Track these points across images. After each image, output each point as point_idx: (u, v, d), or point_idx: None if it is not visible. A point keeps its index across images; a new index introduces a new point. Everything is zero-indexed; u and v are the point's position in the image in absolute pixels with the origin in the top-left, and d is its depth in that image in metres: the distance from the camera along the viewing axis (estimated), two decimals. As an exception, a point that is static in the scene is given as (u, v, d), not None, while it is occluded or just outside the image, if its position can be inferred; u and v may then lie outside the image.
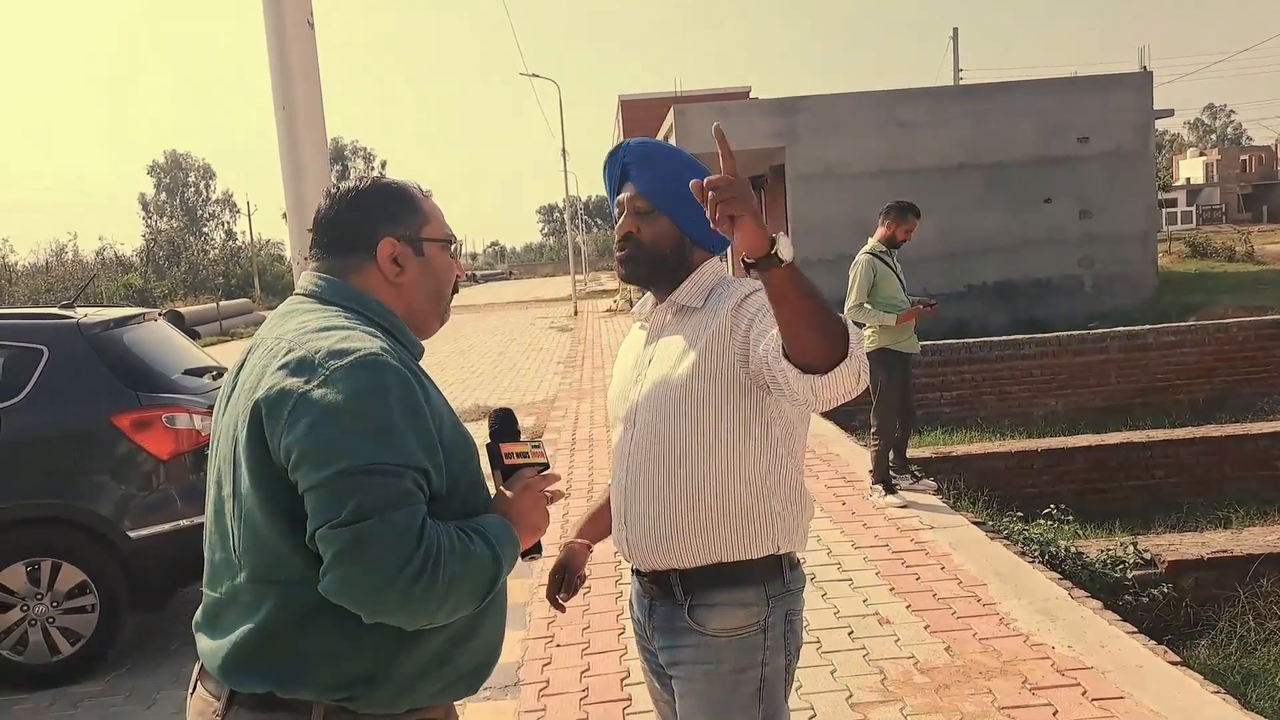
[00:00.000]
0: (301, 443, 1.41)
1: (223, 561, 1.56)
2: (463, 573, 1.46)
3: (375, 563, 1.37)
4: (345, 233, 1.69)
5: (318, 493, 1.40)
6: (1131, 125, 20.33)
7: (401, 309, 1.69)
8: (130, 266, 60.02)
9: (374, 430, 1.42)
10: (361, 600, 1.41)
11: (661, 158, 2.08)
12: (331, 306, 1.63)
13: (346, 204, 1.71)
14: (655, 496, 2.00)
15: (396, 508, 1.40)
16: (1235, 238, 29.87)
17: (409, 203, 1.73)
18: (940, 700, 3.76)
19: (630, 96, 43.80)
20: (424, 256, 1.72)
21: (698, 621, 1.99)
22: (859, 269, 6.46)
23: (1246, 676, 4.95)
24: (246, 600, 1.51)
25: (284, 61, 2.71)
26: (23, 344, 4.98)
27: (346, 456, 1.39)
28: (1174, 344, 13.05)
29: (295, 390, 1.43)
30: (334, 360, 1.45)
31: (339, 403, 1.42)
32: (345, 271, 1.68)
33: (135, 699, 4.66)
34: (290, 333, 1.55)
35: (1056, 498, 7.83)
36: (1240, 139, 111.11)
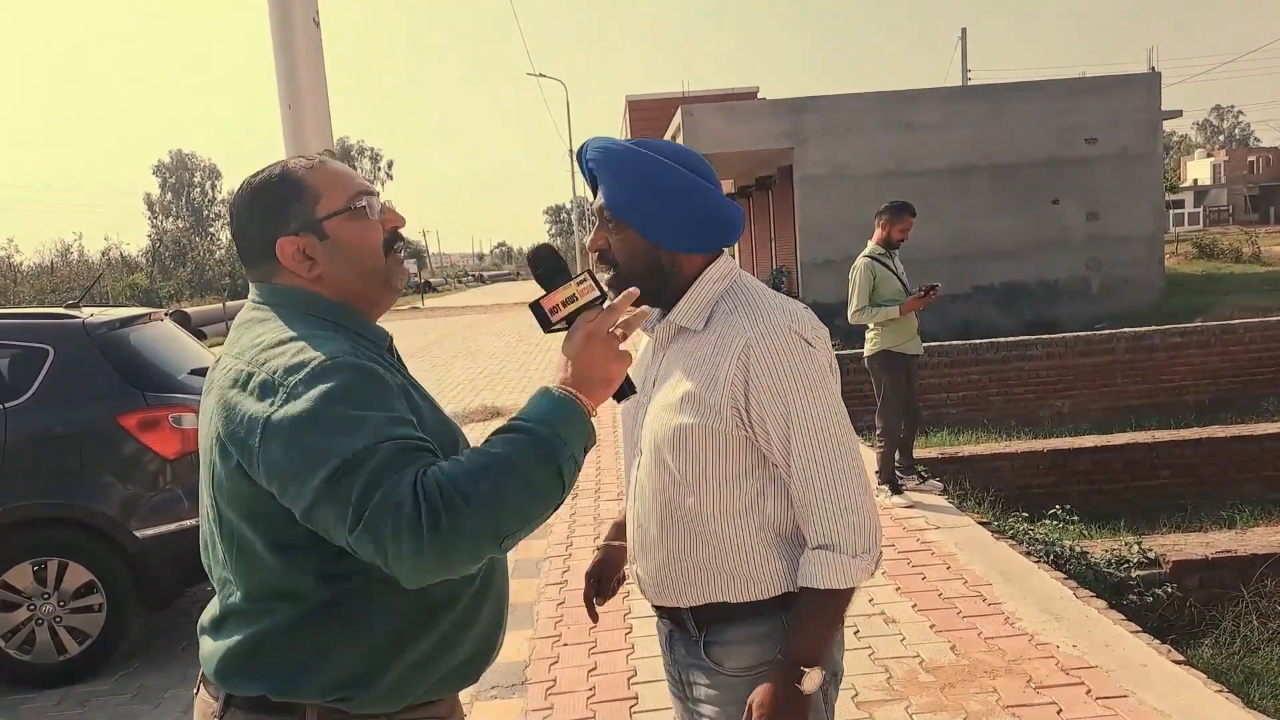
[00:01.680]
0: (281, 466, 1.36)
1: (220, 577, 1.56)
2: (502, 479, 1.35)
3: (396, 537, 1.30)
4: (246, 245, 1.61)
5: (318, 509, 1.35)
6: (1139, 126, 20.29)
7: (340, 298, 1.58)
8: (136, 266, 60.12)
9: (341, 428, 1.35)
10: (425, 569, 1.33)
11: (620, 158, 1.81)
12: (279, 309, 1.55)
13: (236, 216, 1.62)
14: (660, 531, 1.87)
15: (384, 478, 1.32)
16: (1242, 239, 29.78)
17: (290, 189, 1.57)
18: (945, 699, 3.76)
19: (638, 97, 43.76)
20: (329, 238, 1.56)
21: (714, 660, 1.86)
22: (858, 273, 6.49)
23: (1250, 676, 4.95)
24: (245, 611, 1.51)
25: (289, 60, 2.72)
26: (28, 344, 5.00)
27: (325, 462, 1.33)
28: (1180, 345, 13.02)
29: (260, 417, 1.38)
30: (291, 376, 1.39)
31: (304, 415, 1.36)
32: (269, 276, 1.59)
33: (142, 698, 4.68)
34: (247, 350, 1.48)
35: (1062, 498, 7.82)
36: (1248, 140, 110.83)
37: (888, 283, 6.48)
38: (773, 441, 1.74)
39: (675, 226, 1.80)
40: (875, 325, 6.57)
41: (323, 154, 1.66)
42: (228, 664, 1.52)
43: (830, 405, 1.75)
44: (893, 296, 6.46)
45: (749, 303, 1.80)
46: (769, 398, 1.72)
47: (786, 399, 1.72)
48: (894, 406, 6.59)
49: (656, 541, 1.88)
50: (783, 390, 1.71)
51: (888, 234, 6.56)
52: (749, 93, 41.64)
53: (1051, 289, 20.12)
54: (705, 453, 1.78)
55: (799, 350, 1.73)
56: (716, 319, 1.81)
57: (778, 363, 1.72)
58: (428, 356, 20.13)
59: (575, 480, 1.45)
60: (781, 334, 1.73)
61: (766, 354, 1.72)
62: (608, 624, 4.72)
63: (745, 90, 43.03)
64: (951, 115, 19.87)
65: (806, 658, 1.72)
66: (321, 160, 1.62)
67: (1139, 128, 20.30)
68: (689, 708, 1.97)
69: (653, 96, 42.70)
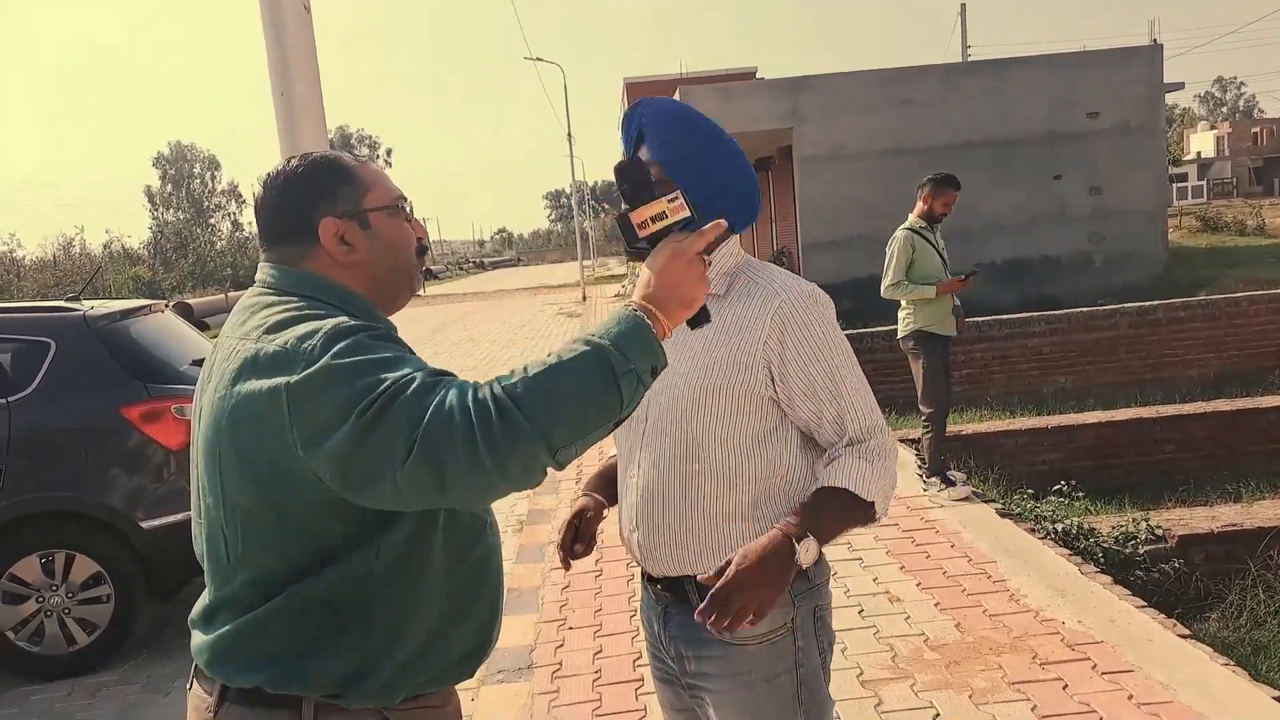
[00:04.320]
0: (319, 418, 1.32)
1: (215, 569, 1.53)
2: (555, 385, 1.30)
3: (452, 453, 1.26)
4: (283, 220, 1.58)
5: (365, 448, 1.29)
6: (1141, 99, 20.19)
7: (363, 289, 1.58)
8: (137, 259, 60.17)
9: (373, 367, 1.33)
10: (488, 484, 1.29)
11: (679, 120, 1.86)
12: (290, 297, 1.52)
13: (278, 189, 1.59)
14: (669, 497, 1.86)
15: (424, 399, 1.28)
16: (1246, 211, 29.68)
17: (343, 174, 1.59)
18: (950, 676, 3.77)
19: (635, 79, 43.67)
20: (371, 229, 1.59)
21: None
22: (896, 245, 6.16)
23: (1256, 649, 4.95)
24: (242, 601, 1.49)
25: (281, 48, 2.70)
26: (30, 337, 5.01)
27: (365, 395, 1.29)
28: (1184, 319, 12.99)
29: (281, 384, 1.35)
30: (306, 342, 1.37)
31: (331, 368, 1.33)
32: (295, 259, 1.57)
33: (151, 688, 4.70)
34: (254, 332, 1.45)
35: (1066, 474, 7.81)
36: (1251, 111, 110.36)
37: (926, 258, 6.16)
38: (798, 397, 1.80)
39: (719, 198, 1.81)
40: (908, 303, 6.24)
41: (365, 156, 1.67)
42: (222, 652, 1.50)
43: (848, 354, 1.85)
44: (930, 273, 6.14)
45: (768, 274, 1.87)
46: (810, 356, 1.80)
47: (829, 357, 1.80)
48: (939, 389, 6.24)
49: (662, 509, 1.87)
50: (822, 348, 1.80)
51: (929, 207, 6.23)
52: (747, 73, 41.49)
53: (1054, 265, 20.07)
54: (729, 416, 1.81)
55: (828, 313, 1.84)
56: (738, 287, 1.85)
57: (812, 323, 1.80)
58: (431, 344, 20.14)
59: (639, 398, 1.38)
60: (811, 297, 1.82)
61: (801, 315, 1.80)
62: (612, 607, 4.74)
63: (743, 71, 42.90)
64: (951, 92, 19.78)
65: (814, 530, 1.72)
66: (366, 160, 1.66)
67: (1141, 101, 20.21)
68: (685, 686, 1.95)
69: (650, 78, 42.64)
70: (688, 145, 1.84)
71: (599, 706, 3.78)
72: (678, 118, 1.87)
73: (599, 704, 3.79)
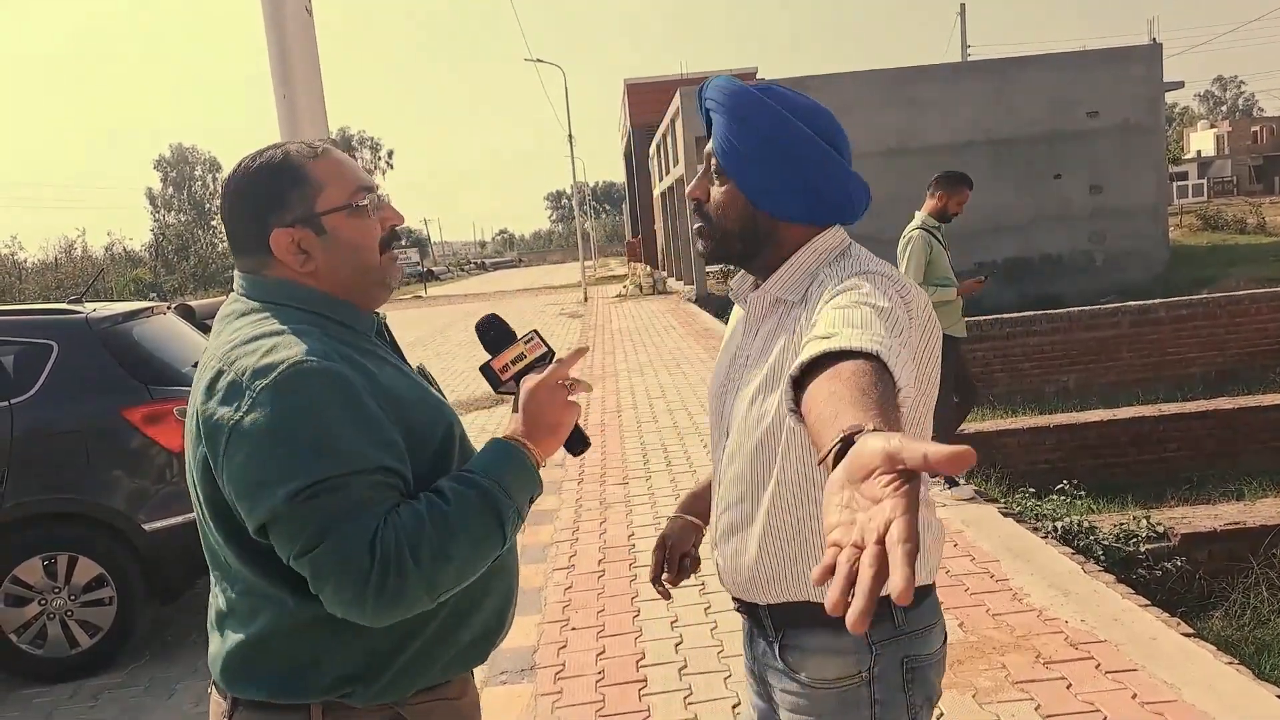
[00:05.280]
0: (241, 478, 1.36)
1: (220, 573, 1.53)
2: (449, 539, 1.39)
3: (340, 584, 1.34)
4: (236, 232, 1.53)
5: (271, 527, 1.35)
6: (1141, 98, 20.19)
7: (332, 290, 1.53)
8: (139, 261, 60.21)
9: (309, 448, 1.34)
10: (355, 617, 1.37)
11: (742, 106, 1.62)
12: (261, 305, 1.50)
13: (229, 200, 1.53)
14: (741, 520, 1.68)
15: (344, 522, 1.34)
16: (1247, 210, 29.69)
17: (291, 177, 1.50)
18: (954, 675, 3.77)
19: (636, 80, 43.66)
20: (327, 234, 1.50)
21: (791, 666, 1.66)
22: (913, 245, 5.96)
23: (1260, 647, 4.95)
24: (243, 611, 1.49)
25: (283, 49, 2.70)
26: (33, 340, 5.00)
27: (284, 482, 1.33)
28: (1185, 318, 13.00)
29: (227, 422, 1.36)
30: (258, 380, 1.36)
31: (268, 427, 1.34)
32: (258, 269, 1.53)
33: (154, 690, 4.70)
34: (222, 347, 1.44)
35: (1069, 473, 7.82)
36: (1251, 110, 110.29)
37: (941, 258, 6.00)
38: None
39: (779, 191, 1.62)
40: None
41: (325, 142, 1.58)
42: (228, 668, 1.51)
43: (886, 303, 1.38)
44: (945, 273, 5.99)
45: (850, 267, 1.58)
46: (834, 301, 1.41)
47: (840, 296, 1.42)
48: (946, 394, 6.03)
49: (736, 531, 1.69)
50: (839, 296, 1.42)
51: (944, 206, 6.04)
52: (748, 73, 41.47)
53: (1055, 263, 20.07)
54: (789, 436, 1.57)
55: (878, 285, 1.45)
56: (815, 289, 1.58)
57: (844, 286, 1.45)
58: (432, 344, 20.15)
59: (517, 531, 1.50)
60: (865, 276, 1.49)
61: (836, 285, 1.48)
62: (615, 608, 4.73)
63: (744, 71, 42.84)
64: (952, 91, 19.79)
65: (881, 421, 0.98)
66: (324, 149, 1.55)
67: (1141, 100, 20.21)
68: (772, 708, 1.78)
69: (651, 79, 42.61)
70: (748, 141, 1.61)
71: (602, 707, 3.77)
72: (744, 107, 1.63)
73: (602, 705, 3.79)
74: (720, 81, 1.69)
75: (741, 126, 1.61)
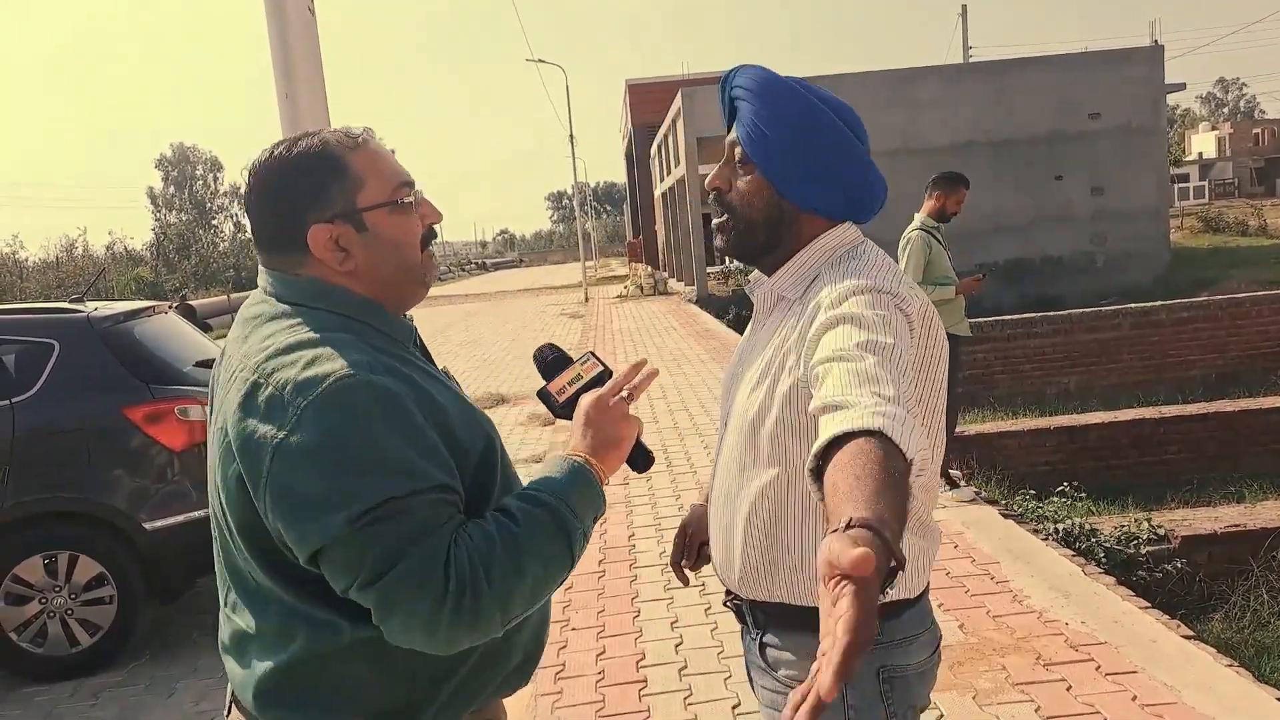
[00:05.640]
0: (290, 502, 1.25)
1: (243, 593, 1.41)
2: (521, 561, 1.31)
3: (413, 612, 1.24)
4: (270, 226, 1.42)
5: (327, 554, 1.25)
6: (1143, 100, 20.20)
7: (367, 293, 1.43)
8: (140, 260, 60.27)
9: (365, 467, 1.24)
10: (426, 647, 1.29)
11: (776, 94, 1.60)
12: (292, 308, 1.39)
13: (262, 191, 1.41)
14: (728, 514, 1.68)
15: (414, 543, 1.24)
16: (1248, 212, 29.71)
17: (332, 170, 1.39)
18: (954, 677, 3.77)
19: (637, 80, 43.67)
20: (369, 230, 1.40)
21: (769, 663, 1.66)
22: (912, 246, 5.97)
23: (1260, 650, 4.95)
24: (275, 635, 1.37)
25: (285, 49, 2.71)
26: (34, 339, 5.01)
27: (343, 507, 1.23)
28: (1187, 320, 13.00)
29: (270, 441, 1.25)
30: (301, 397, 1.25)
31: (319, 447, 1.24)
32: (290, 266, 1.42)
33: (154, 689, 4.70)
34: (254, 353, 1.33)
35: (1069, 475, 7.82)
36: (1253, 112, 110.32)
37: (941, 258, 6.00)
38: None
39: (812, 183, 1.59)
40: None
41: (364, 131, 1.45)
42: (263, 692, 1.39)
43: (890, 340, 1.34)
44: (944, 273, 6.00)
45: (852, 267, 1.55)
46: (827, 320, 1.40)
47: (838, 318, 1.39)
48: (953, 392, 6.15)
49: (723, 523, 1.70)
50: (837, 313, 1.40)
51: (942, 206, 6.06)
52: (750, 74, 41.37)
53: (1056, 265, 20.07)
54: (772, 431, 1.56)
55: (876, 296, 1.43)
56: (815, 287, 1.56)
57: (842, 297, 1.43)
58: (433, 345, 19.99)
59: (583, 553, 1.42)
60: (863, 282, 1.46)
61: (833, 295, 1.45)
62: (615, 608, 4.73)
63: (746, 72, 42.77)
64: (953, 92, 19.79)
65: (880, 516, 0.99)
66: (364, 139, 1.43)
67: (1142, 102, 20.21)
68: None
69: (652, 80, 42.60)
70: (781, 131, 1.58)
71: (602, 708, 3.77)
72: (777, 95, 1.60)
73: (602, 705, 3.79)
74: (749, 69, 1.66)
75: (773, 113, 1.59)
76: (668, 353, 14.74)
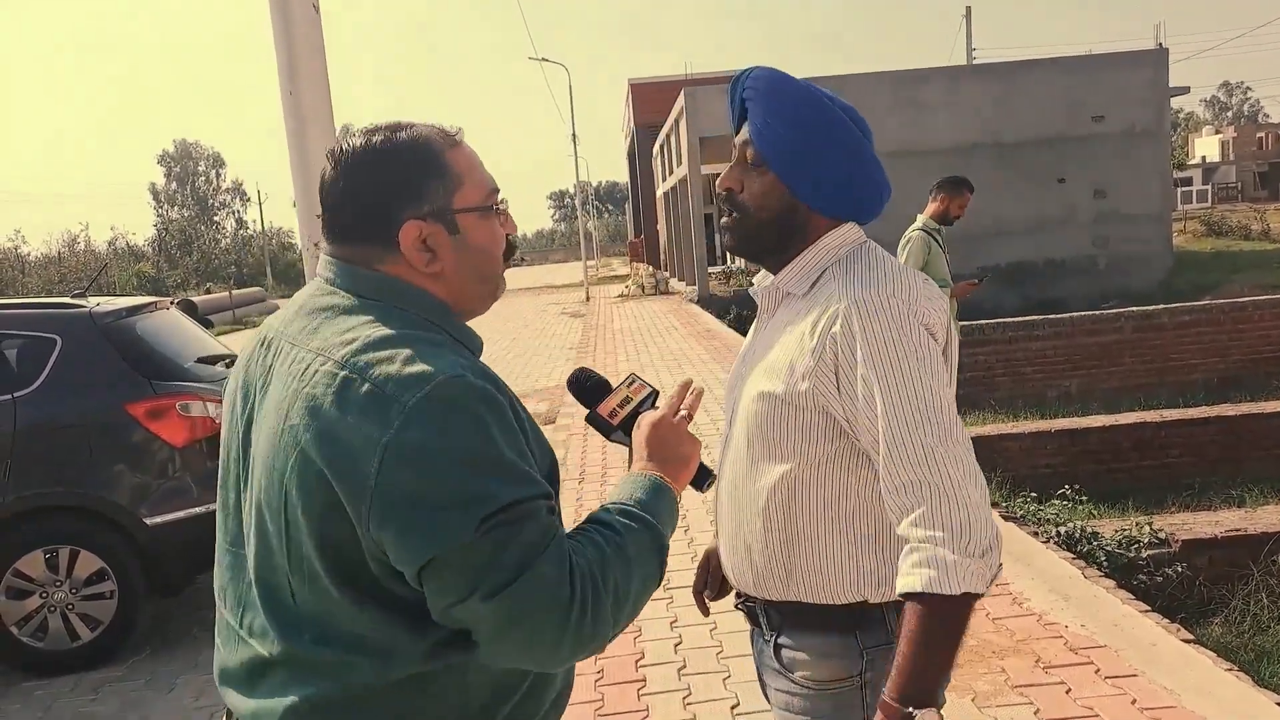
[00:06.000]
0: (406, 510, 1.15)
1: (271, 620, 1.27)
2: (630, 570, 1.28)
3: (541, 623, 1.18)
4: (357, 215, 1.33)
5: (444, 562, 1.15)
6: (1147, 103, 20.20)
7: (445, 297, 1.35)
8: (142, 256, 60.35)
9: (487, 468, 1.17)
10: (540, 662, 1.24)
11: (790, 96, 1.62)
12: (365, 303, 1.30)
13: (353, 177, 1.32)
14: (737, 513, 1.67)
15: (542, 550, 1.18)
16: (1251, 216, 29.72)
17: (432, 165, 1.33)
18: (954, 679, 3.74)
19: (640, 80, 43.66)
20: (460, 233, 1.34)
21: (785, 664, 1.65)
22: (912, 246, 6.02)
23: (1260, 654, 4.95)
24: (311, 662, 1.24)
25: (290, 47, 2.71)
26: (36, 334, 5.01)
27: (470, 509, 1.15)
28: (1189, 323, 13.00)
29: (377, 440, 1.15)
30: (408, 393, 1.17)
31: (436, 447, 1.16)
32: (369, 260, 1.33)
33: (155, 684, 4.70)
34: (335, 347, 1.24)
35: (1070, 478, 7.82)
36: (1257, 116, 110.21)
37: (939, 260, 6.03)
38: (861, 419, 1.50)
39: (824, 184, 1.61)
40: None
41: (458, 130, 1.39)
42: None
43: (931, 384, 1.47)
44: (942, 276, 6.01)
45: (860, 270, 1.58)
46: (862, 369, 1.48)
47: (881, 371, 1.46)
48: None
49: (733, 523, 1.69)
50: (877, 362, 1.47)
51: (945, 209, 6.11)
52: (753, 74, 41.38)
53: (1058, 267, 20.07)
54: (784, 429, 1.57)
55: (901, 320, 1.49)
56: (821, 284, 1.61)
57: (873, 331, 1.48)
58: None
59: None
60: (884, 301, 1.50)
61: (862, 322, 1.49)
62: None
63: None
64: (957, 94, 19.79)
65: (913, 693, 1.41)
66: (459, 138, 1.38)
67: (1146, 105, 20.21)
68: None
69: (656, 79, 42.60)
70: (795, 131, 1.60)
71: (601, 706, 3.78)
72: (791, 97, 1.63)
73: (601, 704, 3.79)
74: (761, 71, 1.68)
75: (786, 114, 1.61)
76: (669, 353, 14.74)
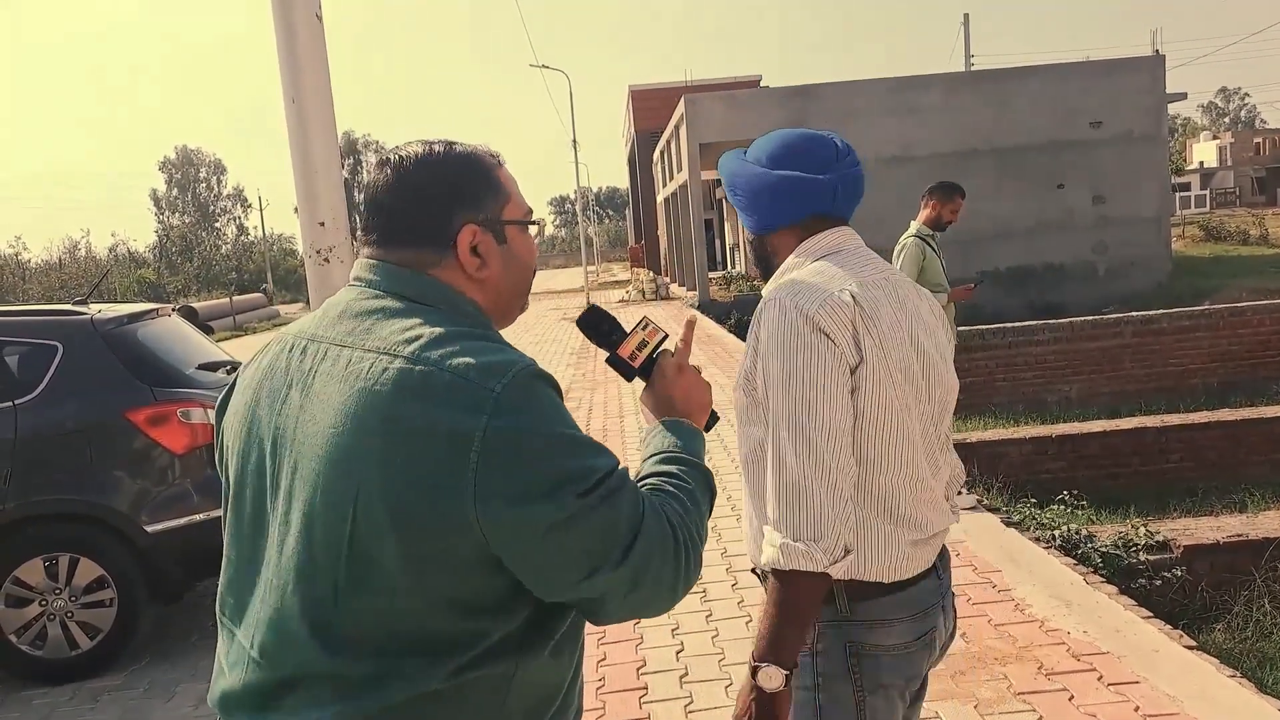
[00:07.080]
0: (519, 488, 1.18)
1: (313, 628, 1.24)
2: (702, 510, 1.40)
3: (661, 577, 1.28)
4: (417, 218, 1.37)
5: (559, 544, 1.20)
6: (1144, 109, 20.23)
7: (486, 306, 1.41)
8: (143, 262, 60.36)
9: (580, 444, 1.25)
10: (659, 610, 1.34)
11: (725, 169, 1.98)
12: (423, 306, 1.33)
13: (416, 183, 1.37)
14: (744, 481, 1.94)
15: (641, 510, 1.28)
16: (1249, 221, 29.76)
17: (485, 178, 1.41)
18: (956, 686, 3.76)
19: (640, 86, 43.76)
20: (507, 243, 1.42)
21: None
22: (906, 252, 6.04)
23: (1263, 660, 4.94)
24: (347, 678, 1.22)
25: (293, 54, 2.71)
26: (37, 341, 5.01)
27: (579, 480, 1.21)
28: (1188, 328, 13.00)
29: (474, 429, 1.18)
30: (494, 381, 1.21)
31: (533, 429, 1.21)
32: (421, 264, 1.37)
33: (154, 692, 4.69)
34: (397, 343, 1.25)
35: (1071, 483, 7.81)
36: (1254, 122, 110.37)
37: (934, 266, 6.06)
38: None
39: (746, 212, 1.92)
40: None
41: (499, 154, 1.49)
42: None
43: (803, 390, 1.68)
44: (937, 281, 6.02)
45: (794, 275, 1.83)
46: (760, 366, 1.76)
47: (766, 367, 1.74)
48: None
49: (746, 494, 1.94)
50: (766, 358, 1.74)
51: (938, 214, 6.14)
52: (752, 81, 41.53)
53: (1057, 272, 20.08)
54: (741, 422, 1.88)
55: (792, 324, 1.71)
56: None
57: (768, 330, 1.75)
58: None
59: None
60: (782, 306, 1.74)
61: (763, 322, 1.77)
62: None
63: (748, 79, 42.94)
64: (955, 100, 19.82)
65: (764, 651, 1.67)
66: (502, 161, 1.47)
67: (1144, 111, 20.24)
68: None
69: (656, 86, 42.70)
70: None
71: (603, 714, 3.77)
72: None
73: (603, 711, 3.79)
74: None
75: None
76: (669, 358, 14.71)
